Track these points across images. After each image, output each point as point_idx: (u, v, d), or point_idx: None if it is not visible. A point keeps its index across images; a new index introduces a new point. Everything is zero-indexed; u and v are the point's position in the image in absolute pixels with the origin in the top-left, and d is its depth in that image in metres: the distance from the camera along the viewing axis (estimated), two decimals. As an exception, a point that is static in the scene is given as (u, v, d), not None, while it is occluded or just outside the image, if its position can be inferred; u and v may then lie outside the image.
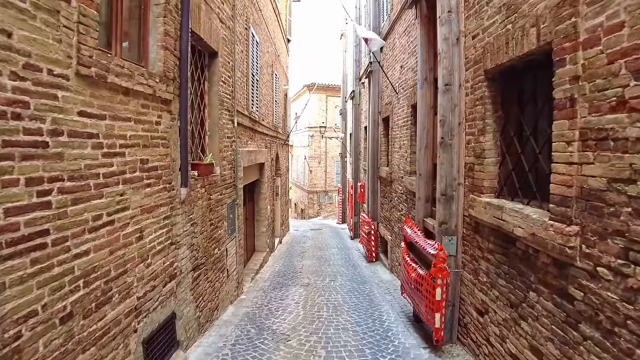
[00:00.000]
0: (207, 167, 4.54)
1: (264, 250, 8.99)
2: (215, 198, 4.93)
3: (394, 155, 7.50)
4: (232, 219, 5.67)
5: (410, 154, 6.22)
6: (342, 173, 20.73)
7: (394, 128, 7.53)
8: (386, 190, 8.34)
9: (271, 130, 10.26)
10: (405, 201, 6.58)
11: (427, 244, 4.30)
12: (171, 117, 3.64)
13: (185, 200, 3.90)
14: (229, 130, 5.59)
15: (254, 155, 7.38)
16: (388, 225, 8.16)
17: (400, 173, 6.94)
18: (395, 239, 7.48)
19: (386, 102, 8.41)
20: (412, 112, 6.22)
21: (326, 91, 26.34)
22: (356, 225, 13.87)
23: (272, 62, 10.78)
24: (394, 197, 7.55)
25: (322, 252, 10.79)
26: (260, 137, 8.44)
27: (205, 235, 4.58)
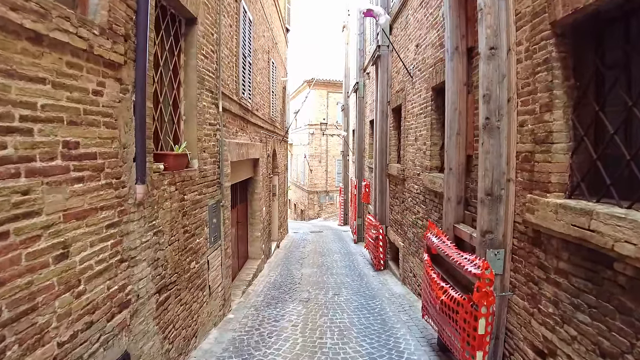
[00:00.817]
0: (178, 158, 3.56)
1: (258, 258, 8.01)
2: (192, 198, 3.96)
3: (407, 149, 6.53)
4: (215, 224, 4.70)
5: (431, 145, 5.24)
6: (344, 172, 19.79)
7: (407, 118, 6.56)
8: (397, 189, 7.37)
9: (267, 123, 9.29)
10: (423, 202, 5.61)
11: (464, 258, 3.32)
12: (122, 87, 2.67)
13: (143, 201, 2.93)
14: (212, 116, 4.61)
15: (246, 149, 6.41)
16: (399, 229, 7.19)
17: (416, 169, 5.97)
18: (409, 245, 6.50)
19: (397, 89, 7.44)
20: (433, 95, 5.24)
21: (327, 87, 25.38)
22: (360, 228, 12.91)
23: (269, 49, 9.81)
24: (407, 198, 6.57)
25: (324, 258, 9.81)
26: (254, 129, 7.47)
27: (177, 246, 3.61)
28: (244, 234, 7.71)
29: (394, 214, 7.64)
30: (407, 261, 6.61)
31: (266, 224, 9.08)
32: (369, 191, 11.37)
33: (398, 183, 7.25)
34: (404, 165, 6.67)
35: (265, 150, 8.88)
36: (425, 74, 5.57)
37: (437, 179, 4.78)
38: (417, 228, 5.91)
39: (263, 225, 8.48)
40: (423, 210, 5.61)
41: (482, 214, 3.19)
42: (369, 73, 11.68)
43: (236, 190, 6.93)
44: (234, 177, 6.05)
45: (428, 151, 5.33)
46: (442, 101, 5.24)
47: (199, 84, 4.19)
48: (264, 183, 8.52)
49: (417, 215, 5.95)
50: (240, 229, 7.36)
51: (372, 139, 11.37)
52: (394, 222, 7.69)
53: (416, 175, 5.96)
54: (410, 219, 6.37)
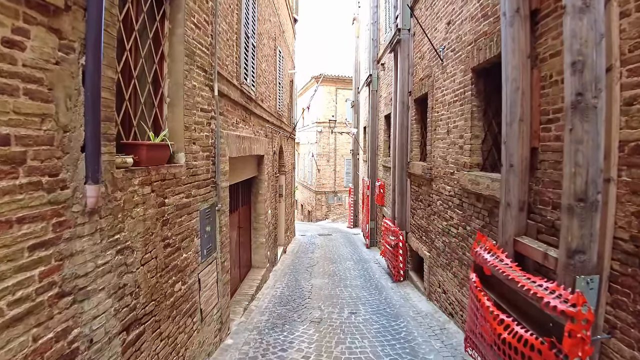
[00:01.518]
0: (156, 150, 2.73)
1: (263, 267, 7.18)
2: (177, 202, 3.12)
3: (435, 144, 5.64)
4: (209, 233, 3.86)
5: (470, 138, 4.35)
6: (354, 172, 18.91)
7: (435, 108, 5.67)
8: (421, 191, 6.48)
9: (274, 117, 8.46)
10: (458, 207, 4.72)
11: (540, 287, 2.44)
12: (61, 43, 1.84)
13: (98, 208, 2.09)
14: (205, 100, 3.78)
15: (248, 144, 5.58)
16: (424, 237, 6.30)
17: (448, 168, 5.08)
18: (437, 256, 5.61)
19: (421, 76, 6.55)
20: (474, 78, 4.36)
21: (336, 83, 24.50)
22: (372, 232, 12.02)
23: (276, 36, 8.98)
24: (435, 201, 5.68)
25: (335, 265, 8.94)
26: (258, 121, 6.63)
27: (154, 265, 2.77)
28: (246, 241, 6.89)
29: (417, 218, 6.76)
30: (435, 274, 5.72)
31: (272, 229, 8.25)
32: (383, 192, 10.49)
33: (422, 184, 6.36)
34: (431, 163, 5.78)
35: (271, 147, 8.04)
36: (462, 54, 4.68)
37: (481, 179, 3.89)
38: (450, 237, 5.02)
39: (268, 230, 7.64)
40: (459, 217, 4.72)
41: (571, 226, 2.30)
42: (384, 64, 10.80)
43: (237, 191, 6.11)
44: (233, 175, 5.22)
45: (467, 145, 4.44)
46: (484, 84, 4.35)
47: (187, 58, 3.36)
48: (269, 183, 7.68)
49: (449, 222, 5.06)
50: (242, 234, 6.53)
51: (387, 135, 10.49)
52: (416, 228, 6.80)
53: (449, 175, 5.07)
54: (439, 225, 5.48)
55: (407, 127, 7.24)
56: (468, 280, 4.44)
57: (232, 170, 5.06)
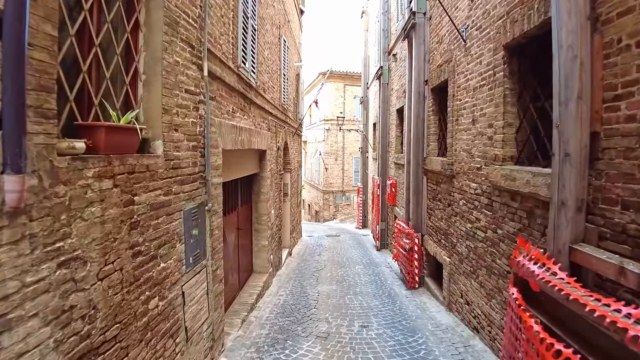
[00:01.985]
0: (120, 135, 2.19)
1: (265, 272, 6.63)
2: (150, 201, 2.58)
3: (458, 136, 5.04)
4: (197, 237, 3.32)
5: (503, 127, 3.74)
6: (363, 170, 18.31)
7: (457, 96, 5.07)
8: (439, 189, 5.88)
9: (278, 110, 7.91)
10: (487, 207, 4.11)
11: (618, 314, 1.84)
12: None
13: (25, 207, 1.55)
14: (192, 81, 3.24)
15: (247, 136, 5.03)
16: (444, 240, 5.69)
17: (474, 162, 4.47)
18: (459, 262, 5.01)
19: (440, 62, 5.94)
20: (506, 57, 3.75)
21: (344, 79, 23.92)
22: (383, 233, 11.42)
23: (280, 24, 8.44)
24: (456, 200, 5.08)
25: (344, 270, 8.37)
26: (260, 113, 6.09)
27: (118, 279, 2.23)
28: (247, 243, 6.35)
29: (435, 220, 6.15)
30: (457, 282, 5.12)
31: (275, 230, 7.71)
32: (395, 191, 9.89)
33: (441, 181, 5.75)
34: (452, 157, 5.18)
35: (275, 142, 7.50)
36: (490, 31, 4.07)
37: (518, 174, 3.29)
38: (476, 241, 4.41)
39: (271, 231, 7.09)
40: (487, 218, 4.11)
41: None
42: (396, 54, 10.19)
43: (235, 189, 5.57)
44: (229, 171, 4.69)
45: (498, 135, 3.83)
46: (519, 64, 3.74)
47: (168, 28, 2.82)
48: (272, 181, 7.14)
49: (475, 225, 4.45)
50: (242, 237, 6.00)
51: (400, 130, 9.89)
52: (434, 231, 6.19)
53: (474, 171, 4.46)
54: (462, 228, 4.87)
55: (424, 120, 6.64)
56: (498, 292, 3.84)
57: (227, 165, 4.53)
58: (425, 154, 6.55)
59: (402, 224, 7.26)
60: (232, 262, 5.49)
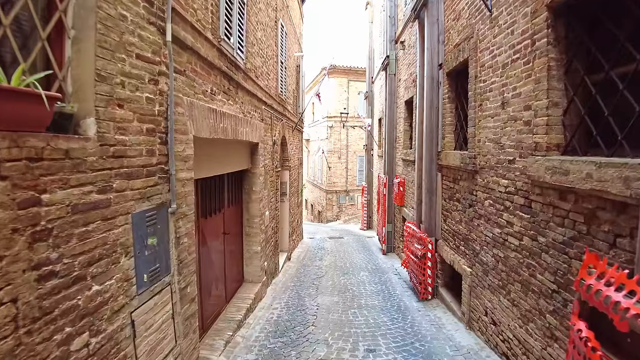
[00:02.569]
0: (9, 102, 1.46)
1: (258, 281, 5.91)
2: (73, 200, 1.86)
3: (482, 124, 4.28)
4: (154, 248, 2.60)
5: (547, 107, 2.98)
6: (367, 169, 17.56)
7: (482, 76, 4.31)
8: (458, 187, 5.13)
9: (274, 100, 7.19)
10: (524, 208, 3.35)
11: None
12: None
13: None
14: (147, 45, 2.51)
15: (232, 124, 4.30)
16: (463, 246, 4.94)
17: (505, 153, 3.72)
18: (483, 274, 4.25)
19: (457, 41, 5.18)
20: (550, 19, 2.98)
21: (348, 75, 23.17)
22: (390, 236, 10.67)
23: (277, 7, 7.71)
24: (481, 200, 4.32)
25: (347, 277, 7.63)
26: (251, 100, 5.37)
27: (9, 316, 1.51)
28: (236, 250, 5.63)
29: (451, 223, 5.39)
30: (479, 297, 4.36)
31: (271, 233, 6.98)
32: (403, 191, 9.13)
33: (460, 178, 5.00)
34: (474, 149, 4.42)
35: (270, 135, 6.77)
36: (526, -9, 3.32)
37: (574, 166, 2.53)
38: (507, 250, 3.66)
39: (265, 235, 6.37)
40: (523, 222, 3.35)
41: None
42: (404, 42, 9.44)
43: (219, 188, 4.85)
44: (208, 165, 3.97)
45: (540, 118, 3.07)
46: (567, 28, 2.99)
47: (106, -34, 2.10)
48: (266, 178, 6.41)
49: (505, 230, 3.69)
50: (229, 242, 5.28)
51: (409, 123, 9.13)
52: (450, 235, 5.43)
53: (505, 164, 3.70)
54: (488, 233, 4.11)
55: (438, 109, 5.88)
56: (538, 314, 3.09)
57: (204, 158, 3.82)
58: (440, 147, 5.79)
59: (413, 227, 6.51)
60: (217, 272, 4.78)
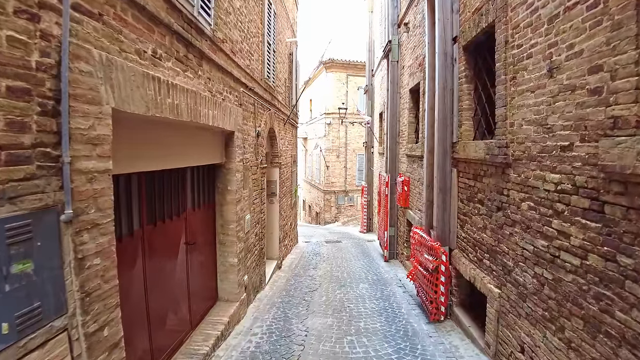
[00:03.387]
0: None
1: (235, 299, 4.94)
2: None
3: (518, 102, 3.32)
4: (32, 279, 1.64)
5: (638, 62, 2.03)
6: (367, 168, 16.62)
7: (515, 40, 3.34)
8: (480, 186, 4.17)
9: (258, 85, 6.23)
10: (590, 213, 2.38)
11: None
12: None
13: None
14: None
15: (191, 102, 3.33)
16: (489, 260, 3.98)
17: (556, 138, 2.75)
18: (518, 298, 3.29)
19: (479, 4, 4.21)
20: None
21: (346, 69, 22.23)
22: (393, 241, 9.72)
23: (263, -21, 6.75)
24: (517, 202, 3.36)
25: (344, 291, 6.66)
26: (223, 78, 4.40)
27: None
28: (207, 262, 4.66)
29: (471, 229, 4.43)
30: (512, 327, 3.40)
31: (255, 240, 6.02)
32: (408, 191, 8.18)
33: (485, 173, 4.04)
34: (507, 135, 3.46)
35: (253, 124, 5.81)
36: None
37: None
38: (559, 270, 2.69)
39: (246, 244, 5.40)
40: (590, 234, 2.38)
41: None
42: (408, 23, 8.50)
43: (177, 185, 3.87)
44: (147, 153, 3.01)
45: (622, 81, 2.10)
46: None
47: None
48: (247, 176, 5.45)
49: (557, 242, 2.73)
50: (196, 253, 4.32)
51: (414, 114, 8.18)
52: (470, 245, 4.47)
53: (555, 152, 2.74)
54: (527, 246, 3.16)
55: (452, 91, 4.94)
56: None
57: (139, 143, 2.87)
58: (456, 137, 4.84)
59: (422, 234, 5.55)
60: (177, 292, 3.81)
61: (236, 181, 4.77)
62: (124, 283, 2.79)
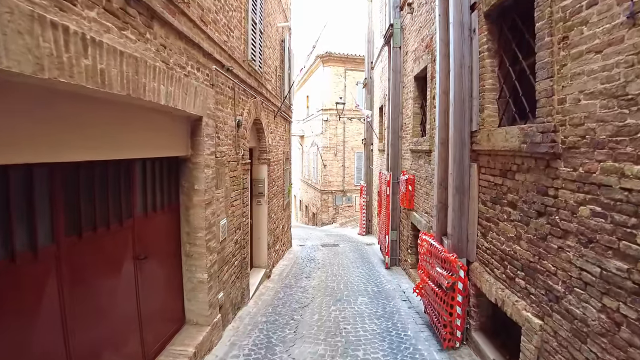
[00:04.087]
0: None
1: (206, 323, 4.09)
2: None
3: (571, 70, 2.50)
4: None
5: None
6: (366, 166, 15.80)
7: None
8: (511, 185, 3.34)
9: (238, 65, 5.37)
10: None
11: None
12: None
13: None
14: None
15: (130, 70, 2.49)
16: (525, 280, 3.14)
17: (637, 115, 1.94)
18: (574, 337, 2.45)
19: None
20: None
21: (344, 63, 21.39)
22: (394, 246, 8.90)
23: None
24: (572, 206, 2.52)
25: (340, 307, 5.82)
26: (185, 48, 3.54)
27: None
28: (170, 277, 3.81)
29: (497, 239, 3.59)
30: (561, 373, 2.57)
31: (234, 249, 5.17)
32: (413, 190, 7.34)
33: (517, 168, 3.20)
34: (553, 116, 2.62)
35: (232, 112, 4.96)
36: None
37: None
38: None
39: (221, 255, 4.55)
40: None
41: None
42: (412, 3, 7.66)
43: (114, 184, 2.99)
44: (55, 138, 2.16)
45: None
46: None
47: None
48: (223, 172, 4.60)
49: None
50: (157, 268, 3.47)
51: (419, 104, 7.35)
52: (497, 259, 3.63)
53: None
54: (590, 267, 2.31)
55: (472, 68, 4.10)
56: None
57: (53, 122, 2.03)
58: (476, 125, 3.99)
59: (432, 242, 4.71)
60: (123, 320, 2.96)
61: (205, 178, 3.91)
62: (21, 323, 1.96)
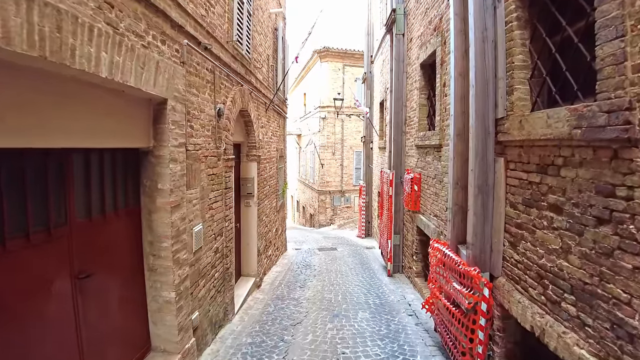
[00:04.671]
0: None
1: (175, 351, 3.41)
2: None
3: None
4: None
5: None
6: (366, 165, 15.14)
7: None
8: (553, 183, 2.67)
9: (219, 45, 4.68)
10: None
11: None
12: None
13: None
14: None
15: (43, 24, 1.83)
16: (573, 306, 2.47)
17: None
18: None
19: None
20: None
21: (343, 59, 20.76)
22: (397, 251, 8.24)
23: None
24: None
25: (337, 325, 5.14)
26: (145, 14, 2.87)
27: None
28: (130, 297, 3.13)
29: (531, 250, 2.92)
30: None
31: (214, 259, 4.49)
32: (418, 190, 6.67)
33: (563, 162, 2.52)
34: (627, 90, 1.97)
35: (212, 98, 4.28)
36: None
37: None
38: None
39: (193, 269, 3.86)
40: None
41: None
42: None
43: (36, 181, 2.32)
44: None
45: None
46: None
47: None
48: (198, 168, 3.92)
49: None
50: (111, 287, 2.80)
51: (426, 95, 6.68)
52: (533, 276, 2.95)
53: None
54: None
55: (496, 43, 3.43)
56: None
57: None
58: (503, 111, 3.32)
59: (447, 252, 4.03)
60: (57, 355, 2.29)
61: (171, 175, 3.22)
62: None
